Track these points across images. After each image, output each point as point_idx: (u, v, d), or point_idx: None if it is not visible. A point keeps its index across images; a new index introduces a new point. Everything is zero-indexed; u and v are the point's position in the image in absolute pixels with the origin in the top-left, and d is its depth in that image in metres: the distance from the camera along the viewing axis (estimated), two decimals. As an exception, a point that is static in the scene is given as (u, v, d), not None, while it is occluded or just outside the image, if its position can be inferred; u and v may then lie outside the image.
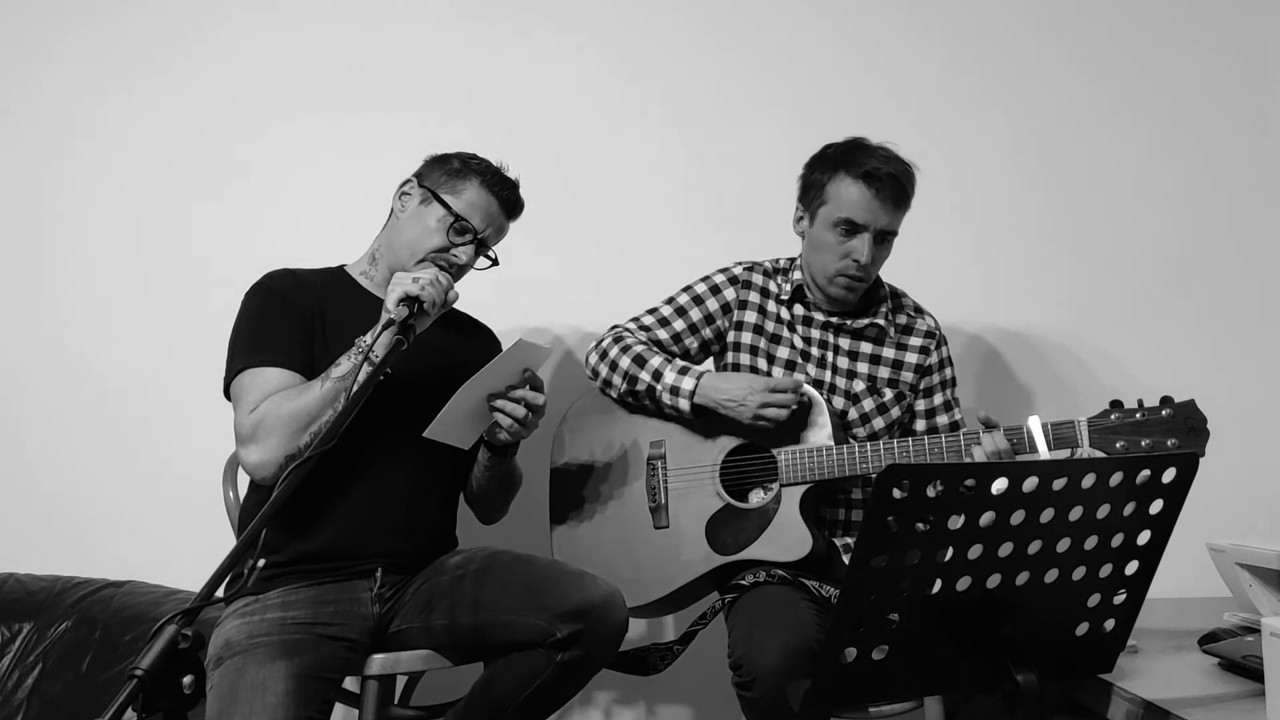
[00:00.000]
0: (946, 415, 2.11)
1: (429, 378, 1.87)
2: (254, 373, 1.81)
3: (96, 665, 2.09)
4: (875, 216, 1.94)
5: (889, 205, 1.94)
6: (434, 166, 1.99)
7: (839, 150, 2.00)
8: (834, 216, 1.96)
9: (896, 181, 1.94)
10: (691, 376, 1.97)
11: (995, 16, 2.69)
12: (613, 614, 1.74)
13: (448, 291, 1.79)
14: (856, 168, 1.94)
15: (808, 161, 2.05)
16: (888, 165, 1.94)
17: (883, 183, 1.92)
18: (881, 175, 1.92)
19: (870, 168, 1.93)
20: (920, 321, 2.12)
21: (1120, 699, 1.50)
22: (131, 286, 2.55)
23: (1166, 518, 1.29)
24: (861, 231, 1.95)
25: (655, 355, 2.01)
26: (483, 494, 2.03)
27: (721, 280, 2.11)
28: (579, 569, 1.82)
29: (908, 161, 1.98)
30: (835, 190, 1.96)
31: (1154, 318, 2.64)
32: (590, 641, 1.71)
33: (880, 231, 1.96)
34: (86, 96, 2.58)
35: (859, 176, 1.93)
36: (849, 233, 1.96)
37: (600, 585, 1.76)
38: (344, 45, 2.61)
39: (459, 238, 1.92)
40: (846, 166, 1.95)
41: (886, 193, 1.93)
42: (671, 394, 1.97)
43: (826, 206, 1.97)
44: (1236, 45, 2.72)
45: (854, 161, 1.95)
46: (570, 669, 1.72)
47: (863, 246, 1.95)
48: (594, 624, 1.71)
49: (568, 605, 1.71)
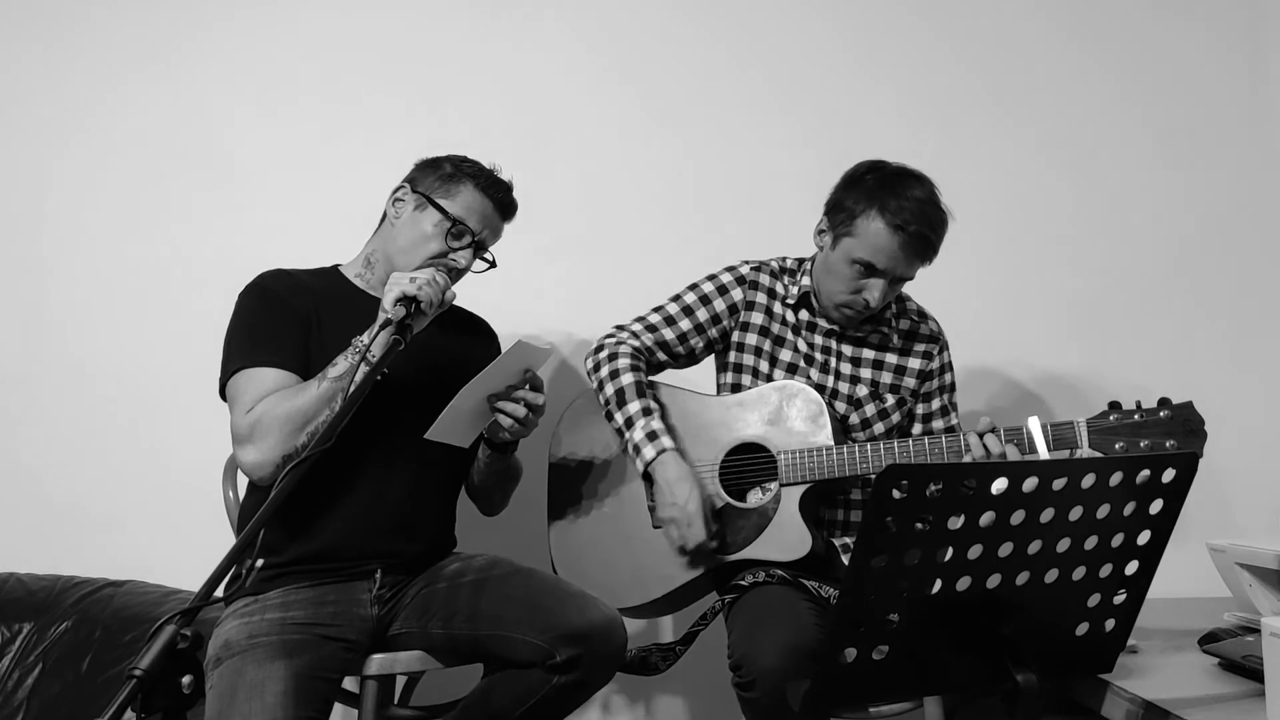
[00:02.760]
0: (943, 420, 2.10)
1: (427, 376, 1.87)
2: (250, 373, 1.80)
3: (96, 665, 2.09)
4: (895, 265, 1.90)
5: (913, 259, 1.90)
6: (426, 171, 1.97)
7: (879, 181, 1.91)
8: (855, 254, 1.91)
9: (927, 239, 1.88)
10: (654, 448, 1.94)
11: (1000, 20, 2.70)
12: (612, 639, 1.74)
13: (445, 291, 1.78)
14: (891, 214, 1.87)
15: (846, 177, 1.97)
16: (920, 222, 1.86)
17: (913, 238, 1.87)
18: (912, 231, 1.87)
19: (904, 219, 1.86)
20: (924, 326, 2.11)
21: (1120, 699, 1.50)
22: (131, 287, 2.54)
23: (1166, 518, 1.29)
24: (879, 276, 1.92)
25: (634, 399, 1.97)
26: (484, 488, 2.05)
27: (729, 280, 2.09)
28: (580, 589, 1.82)
29: (944, 209, 1.91)
30: (864, 228, 1.90)
31: (1154, 319, 2.65)
32: (589, 666, 1.72)
33: (897, 278, 1.93)
34: (80, 96, 2.58)
35: (891, 225, 1.87)
36: (865, 274, 1.92)
37: (601, 608, 1.76)
38: (340, 48, 2.61)
39: (457, 242, 1.92)
40: (882, 206, 1.88)
41: (913, 248, 1.88)
42: (634, 450, 1.96)
43: (850, 240, 1.92)
44: (1236, 47, 2.72)
45: (889, 205, 1.87)
46: (566, 691, 1.73)
47: (875, 290, 1.92)
48: (593, 648, 1.71)
49: (569, 628, 1.71)
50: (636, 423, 1.96)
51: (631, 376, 2.00)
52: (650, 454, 1.94)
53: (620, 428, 1.98)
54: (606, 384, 2.01)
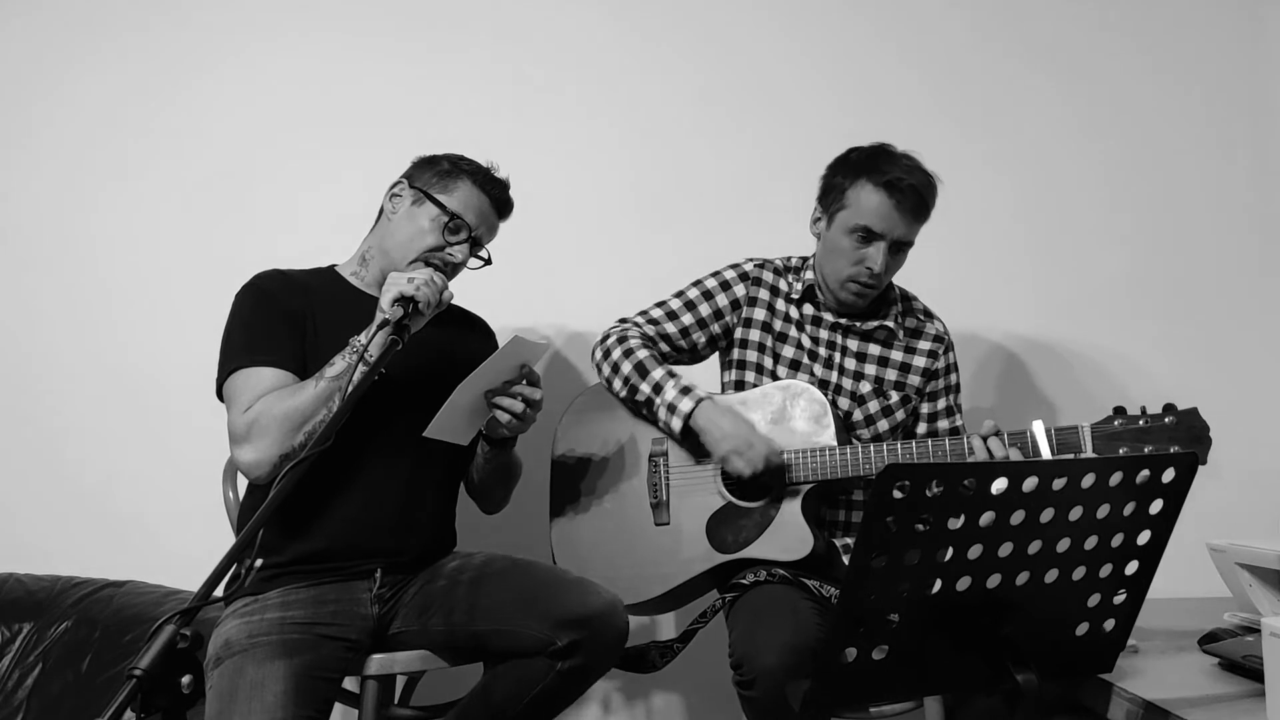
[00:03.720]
0: (948, 420, 2.10)
1: (424, 374, 1.88)
2: (247, 373, 1.81)
3: (96, 665, 2.08)
4: (893, 226, 1.93)
5: (908, 216, 1.93)
6: (424, 167, 1.99)
7: (863, 155, 1.97)
8: (851, 222, 1.94)
9: (917, 193, 1.92)
10: (691, 399, 1.95)
11: (1015, 16, 2.69)
12: (614, 622, 1.74)
13: (442, 292, 1.79)
14: (879, 175, 1.92)
15: (831, 164, 2.02)
16: (910, 176, 1.91)
17: (904, 193, 1.90)
18: (903, 186, 1.90)
19: (893, 177, 1.90)
20: (930, 325, 2.12)
21: (1120, 699, 1.50)
22: (131, 287, 2.54)
23: (1166, 518, 1.29)
24: (878, 240, 1.94)
25: (658, 366, 2.00)
26: (484, 485, 2.05)
27: (732, 276, 2.10)
28: (579, 576, 1.82)
29: (931, 173, 1.95)
30: (855, 196, 1.94)
31: (1155, 319, 2.65)
32: (590, 650, 1.71)
33: (896, 241, 1.95)
34: (93, 106, 2.58)
35: (880, 185, 1.91)
36: (865, 240, 1.94)
37: (601, 593, 1.76)
38: (336, 51, 2.61)
39: (453, 236, 1.93)
40: (869, 173, 1.93)
41: (907, 204, 1.91)
42: (668, 410, 1.96)
43: (845, 211, 1.96)
44: (1235, 45, 2.72)
45: (876, 169, 1.93)
46: (570, 677, 1.73)
47: (878, 255, 1.94)
48: (595, 632, 1.71)
49: (569, 613, 1.71)
50: (665, 385, 1.97)
51: (646, 352, 2.01)
52: (688, 405, 1.94)
53: (649, 396, 1.98)
54: (623, 363, 2.01)
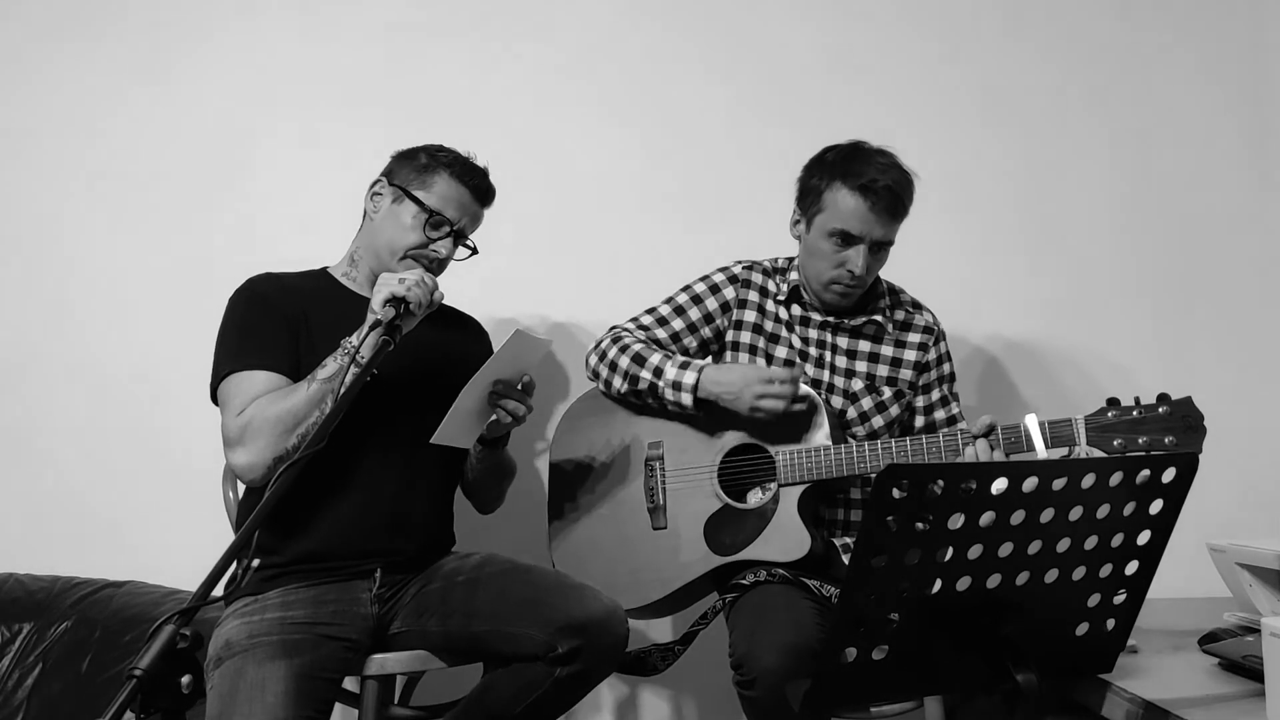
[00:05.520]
0: (944, 410, 2.11)
1: (417, 374, 1.88)
2: (240, 376, 1.81)
3: (96, 665, 2.09)
4: (870, 228, 1.93)
5: (885, 217, 1.93)
6: (402, 163, 1.98)
7: (838, 156, 1.97)
8: (829, 226, 1.95)
9: (893, 193, 1.92)
10: (692, 370, 1.96)
11: (990, 17, 2.69)
12: (614, 629, 1.74)
13: (433, 292, 1.80)
14: (854, 178, 1.92)
15: (806, 165, 2.03)
16: (885, 176, 1.91)
17: (879, 195, 1.91)
18: (878, 188, 1.90)
19: (868, 179, 1.90)
20: (918, 317, 2.12)
21: (1120, 699, 1.50)
22: (131, 288, 2.54)
23: (1166, 518, 1.29)
24: (857, 243, 1.94)
25: (654, 352, 2.01)
26: (479, 484, 2.06)
27: (721, 279, 2.10)
28: (580, 582, 1.82)
29: (907, 170, 1.96)
30: (832, 199, 1.94)
31: (1153, 318, 2.65)
32: (590, 656, 1.71)
33: (876, 242, 1.95)
34: (78, 103, 2.58)
35: (856, 188, 1.91)
36: (844, 243, 1.95)
37: (601, 599, 1.76)
38: (331, 50, 2.61)
39: (435, 232, 1.93)
40: (844, 176, 1.93)
41: (883, 205, 1.91)
42: (674, 389, 1.96)
43: (823, 215, 1.96)
44: (1233, 42, 2.72)
45: (851, 171, 1.93)
46: (569, 683, 1.73)
47: (858, 257, 1.94)
48: (595, 639, 1.71)
49: (569, 619, 1.71)
50: (665, 367, 1.98)
51: (640, 345, 2.02)
52: (691, 378, 1.95)
53: (651, 382, 1.98)
54: (620, 358, 2.01)
